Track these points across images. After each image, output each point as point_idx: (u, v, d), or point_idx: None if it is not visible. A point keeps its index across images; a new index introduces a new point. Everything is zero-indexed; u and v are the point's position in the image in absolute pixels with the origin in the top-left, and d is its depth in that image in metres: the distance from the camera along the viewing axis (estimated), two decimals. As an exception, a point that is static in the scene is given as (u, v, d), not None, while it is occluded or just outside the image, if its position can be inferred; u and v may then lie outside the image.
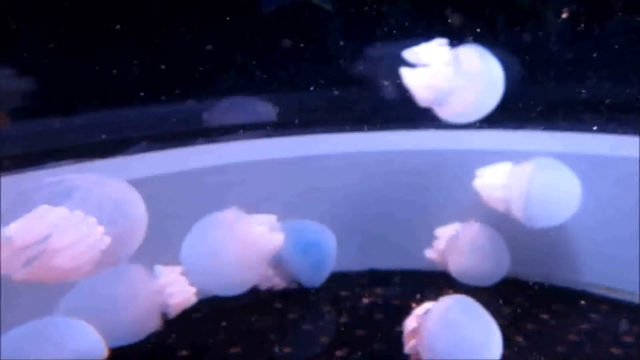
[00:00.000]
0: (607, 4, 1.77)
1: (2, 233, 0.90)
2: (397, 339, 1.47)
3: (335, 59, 2.03)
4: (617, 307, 1.59)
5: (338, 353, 1.42)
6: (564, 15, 1.22)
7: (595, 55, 1.81)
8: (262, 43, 1.96)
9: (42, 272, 0.93)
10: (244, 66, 1.99)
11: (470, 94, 1.23)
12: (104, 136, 1.80)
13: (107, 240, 1.02)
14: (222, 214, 1.33)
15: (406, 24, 1.92)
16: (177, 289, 1.28)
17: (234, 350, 1.44)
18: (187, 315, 1.57)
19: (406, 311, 1.56)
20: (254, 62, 1.96)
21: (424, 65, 1.21)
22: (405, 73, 1.24)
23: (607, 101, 1.80)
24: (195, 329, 1.54)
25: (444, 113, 1.27)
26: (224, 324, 1.55)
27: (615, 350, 1.40)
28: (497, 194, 1.43)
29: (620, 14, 1.78)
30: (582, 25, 1.75)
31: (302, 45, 1.97)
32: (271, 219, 1.38)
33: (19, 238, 0.90)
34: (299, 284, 1.60)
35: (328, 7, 1.28)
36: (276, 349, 1.44)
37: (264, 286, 1.57)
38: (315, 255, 1.56)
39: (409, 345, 1.24)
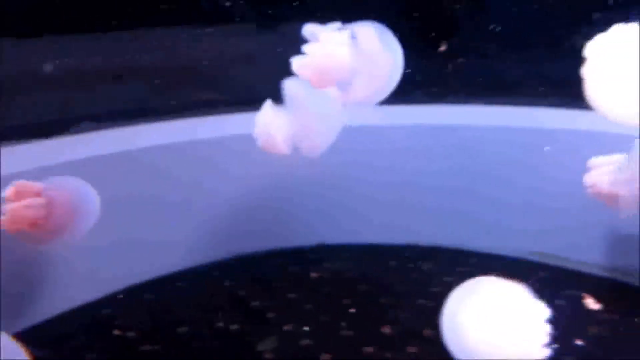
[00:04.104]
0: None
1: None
2: (343, 313, 1.52)
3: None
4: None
5: (286, 327, 1.45)
6: (442, 48, 1.20)
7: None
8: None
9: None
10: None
11: (373, 76, 1.16)
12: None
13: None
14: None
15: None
16: None
17: (181, 329, 1.45)
18: (137, 296, 1.59)
19: (354, 285, 1.63)
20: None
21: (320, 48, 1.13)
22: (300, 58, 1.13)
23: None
24: (144, 311, 1.54)
25: (346, 98, 1.18)
26: (171, 304, 1.56)
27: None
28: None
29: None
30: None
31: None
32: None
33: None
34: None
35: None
36: (224, 327, 1.46)
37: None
38: None
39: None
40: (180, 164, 1.64)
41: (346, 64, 1.11)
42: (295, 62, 1.10)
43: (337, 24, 1.14)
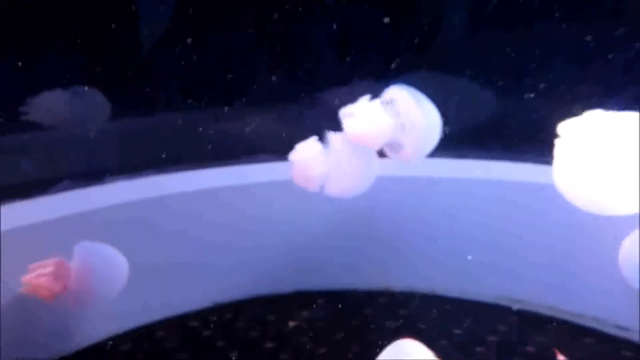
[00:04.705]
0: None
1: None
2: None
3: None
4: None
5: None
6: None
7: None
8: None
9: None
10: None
11: (414, 134, 1.22)
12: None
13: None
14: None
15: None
16: None
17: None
18: (114, 347, 1.60)
19: (330, 334, 1.66)
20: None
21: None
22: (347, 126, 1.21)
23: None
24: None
25: (399, 157, 1.26)
26: (150, 355, 1.58)
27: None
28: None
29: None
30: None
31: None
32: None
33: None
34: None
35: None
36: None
37: None
38: None
39: None
40: (158, 217, 1.68)
41: (385, 130, 1.20)
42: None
43: (368, 96, 1.23)
